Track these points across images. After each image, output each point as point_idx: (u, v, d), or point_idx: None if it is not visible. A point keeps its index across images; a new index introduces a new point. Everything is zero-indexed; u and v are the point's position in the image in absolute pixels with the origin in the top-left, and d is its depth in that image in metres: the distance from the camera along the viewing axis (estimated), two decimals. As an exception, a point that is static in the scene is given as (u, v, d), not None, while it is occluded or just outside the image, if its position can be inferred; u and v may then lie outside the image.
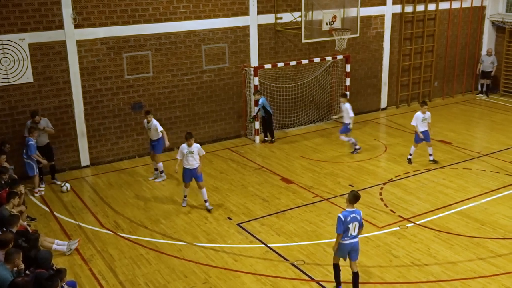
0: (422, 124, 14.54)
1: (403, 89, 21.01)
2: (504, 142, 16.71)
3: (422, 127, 14.53)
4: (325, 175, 14.40)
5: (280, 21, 17.25)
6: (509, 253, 10.47)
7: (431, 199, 12.88)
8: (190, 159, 12.04)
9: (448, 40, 21.55)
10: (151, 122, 13.77)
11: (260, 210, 12.46)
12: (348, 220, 8.74)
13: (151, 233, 11.51)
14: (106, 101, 15.17)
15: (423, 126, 14.54)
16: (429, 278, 9.70)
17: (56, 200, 13.21)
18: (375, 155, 15.87)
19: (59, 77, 14.40)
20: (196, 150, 12.06)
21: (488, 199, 12.80)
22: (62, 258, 10.39)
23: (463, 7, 21.49)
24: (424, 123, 14.55)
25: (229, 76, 16.95)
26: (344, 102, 15.62)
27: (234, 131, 17.53)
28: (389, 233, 11.30)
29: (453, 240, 10.99)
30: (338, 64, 18.88)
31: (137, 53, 15.31)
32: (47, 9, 13.88)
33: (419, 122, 14.51)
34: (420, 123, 14.51)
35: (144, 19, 15.19)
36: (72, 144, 14.96)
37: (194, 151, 12.03)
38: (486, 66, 21.89)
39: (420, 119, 14.50)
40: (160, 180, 14.23)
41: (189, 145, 12.02)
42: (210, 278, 9.79)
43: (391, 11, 19.65)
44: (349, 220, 8.74)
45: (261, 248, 10.80)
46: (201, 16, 16.01)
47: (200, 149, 12.14)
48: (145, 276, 9.90)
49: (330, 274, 9.83)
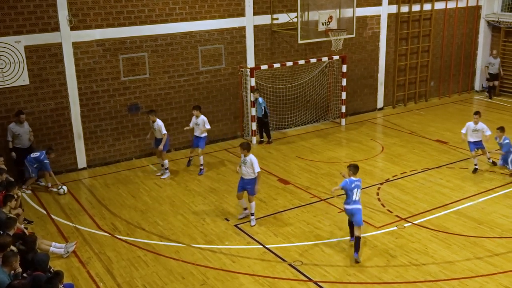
0: (473, 135, 14.06)
1: (399, 89, 21.05)
2: (500, 141, 16.73)
3: (472, 137, 14.07)
4: (322, 176, 14.40)
5: (276, 21, 17.26)
6: (506, 252, 10.49)
7: (428, 198, 12.90)
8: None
9: (444, 40, 21.60)
10: (156, 122, 14.07)
11: (257, 211, 12.43)
12: (353, 186, 10.10)
13: (149, 234, 11.50)
14: (103, 103, 15.15)
15: (474, 136, 14.06)
16: (426, 278, 9.71)
17: (53, 202, 13.18)
18: (372, 155, 15.89)
19: (55, 79, 14.37)
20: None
21: (485, 199, 12.83)
22: (59, 261, 10.36)
23: (459, 7, 21.54)
24: (475, 134, 14.06)
25: (226, 77, 16.95)
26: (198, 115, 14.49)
27: (231, 132, 17.53)
28: (386, 233, 11.31)
29: (451, 239, 11.01)
30: (335, 65, 18.90)
31: (133, 54, 15.29)
32: (43, 11, 13.86)
33: (470, 132, 14.10)
34: (470, 133, 14.09)
35: (140, 20, 15.18)
36: (69, 146, 14.94)
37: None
38: (494, 68, 21.72)
39: (471, 129, 14.07)
40: (165, 176, 14.42)
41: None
42: (208, 279, 9.78)
43: (387, 11, 19.69)
44: (353, 186, 10.10)
45: (258, 249, 10.80)
46: (197, 17, 16.00)
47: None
48: (142, 278, 9.88)
49: (328, 274, 9.85)
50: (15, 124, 13.62)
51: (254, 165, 11.17)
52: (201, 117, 14.40)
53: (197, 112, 14.42)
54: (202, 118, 14.40)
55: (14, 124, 13.62)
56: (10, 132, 13.58)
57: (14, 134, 13.58)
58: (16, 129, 13.58)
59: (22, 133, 13.64)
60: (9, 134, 13.58)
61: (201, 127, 14.43)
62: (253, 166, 11.17)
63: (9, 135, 13.59)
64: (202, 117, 14.42)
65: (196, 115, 14.42)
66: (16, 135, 13.58)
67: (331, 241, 11.03)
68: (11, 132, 13.57)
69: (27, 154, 13.52)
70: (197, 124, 14.44)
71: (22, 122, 13.65)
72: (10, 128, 13.58)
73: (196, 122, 14.45)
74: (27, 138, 13.71)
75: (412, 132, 17.80)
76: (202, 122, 14.38)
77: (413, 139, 17.20)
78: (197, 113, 14.42)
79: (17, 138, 13.62)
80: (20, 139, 13.64)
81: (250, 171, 11.26)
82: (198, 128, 14.48)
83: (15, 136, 13.60)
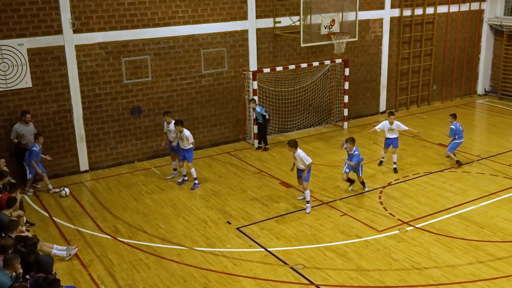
0: (389, 133, 14.83)
1: (401, 92, 21.03)
2: (503, 145, 16.72)
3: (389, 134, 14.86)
4: (325, 179, 14.39)
5: (279, 25, 17.28)
6: (508, 256, 10.46)
7: (430, 202, 12.88)
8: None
9: (447, 43, 21.59)
10: (182, 131, 13.45)
11: (259, 214, 12.45)
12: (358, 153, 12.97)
13: (150, 237, 11.50)
14: (105, 105, 15.17)
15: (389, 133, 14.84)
16: (429, 282, 9.69)
17: (55, 205, 13.19)
18: (374, 158, 15.86)
19: (57, 82, 14.40)
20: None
21: (487, 202, 12.80)
22: (61, 263, 10.36)
23: (461, 11, 21.53)
24: (391, 132, 14.81)
25: (228, 80, 16.96)
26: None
27: (233, 135, 17.53)
28: (388, 237, 11.28)
29: (453, 243, 10.98)
30: (337, 68, 18.90)
31: (136, 57, 15.32)
32: (46, 14, 13.90)
33: (386, 131, 14.87)
34: (387, 131, 14.86)
35: (143, 23, 15.21)
36: (71, 149, 14.95)
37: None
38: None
39: (387, 128, 14.84)
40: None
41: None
42: (210, 282, 9.77)
43: (389, 15, 19.69)
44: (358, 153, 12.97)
45: (260, 252, 10.79)
46: (199, 20, 16.03)
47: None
48: (144, 280, 9.88)
49: (329, 278, 9.83)
50: (20, 124, 13.64)
51: (304, 159, 12.18)
52: (184, 132, 13.43)
53: (179, 127, 13.47)
54: (186, 133, 13.43)
55: (19, 124, 13.64)
56: (14, 131, 13.60)
57: (18, 134, 13.59)
58: (21, 129, 13.59)
59: (26, 132, 13.64)
60: (13, 133, 13.61)
61: (185, 142, 13.54)
62: (304, 160, 12.16)
63: (13, 135, 13.60)
64: (186, 132, 13.45)
65: (179, 130, 13.49)
66: (20, 135, 13.59)
67: (333, 245, 11.01)
68: (15, 131, 13.59)
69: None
70: (181, 138, 13.55)
71: (27, 122, 13.67)
72: (15, 128, 13.60)
73: (180, 137, 13.57)
74: (31, 139, 13.63)
75: (414, 136, 17.77)
76: (185, 138, 13.45)
77: (416, 143, 17.17)
78: (179, 128, 13.48)
79: (21, 138, 13.62)
80: (23, 138, 13.62)
81: (301, 164, 12.27)
82: (182, 142, 13.58)
83: (19, 136, 13.60)
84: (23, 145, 13.59)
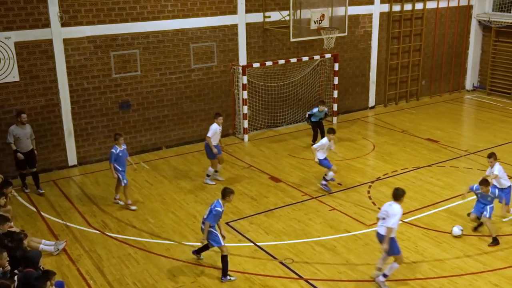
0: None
1: (391, 87, 21.10)
2: (490, 141, 16.84)
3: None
4: (314, 174, 14.42)
5: (269, 19, 17.24)
6: (495, 251, 10.56)
7: (418, 197, 12.95)
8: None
9: (435, 39, 21.68)
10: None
11: (248, 208, 12.45)
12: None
13: (139, 232, 11.47)
14: (94, 100, 15.07)
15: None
16: (416, 276, 9.76)
17: (43, 200, 13.10)
18: (363, 153, 15.92)
19: (45, 76, 14.28)
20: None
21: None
22: (49, 258, 10.31)
23: (450, 6, 21.62)
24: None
25: (218, 74, 16.92)
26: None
27: (222, 130, 17.41)
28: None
29: (441, 237, 11.07)
30: (327, 63, 18.92)
31: (125, 51, 15.22)
32: (33, 7, 13.75)
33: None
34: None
35: (132, 17, 15.11)
36: (59, 144, 14.85)
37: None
38: None
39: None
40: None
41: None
42: (199, 277, 9.77)
43: (379, 10, 19.72)
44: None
45: (249, 247, 10.80)
46: (189, 14, 15.95)
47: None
48: (133, 275, 9.86)
49: (318, 272, 9.87)
50: (16, 126, 12.91)
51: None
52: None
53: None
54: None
55: (15, 126, 12.91)
56: (10, 134, 12.84)
57: (14, 138, 12.86)
58: (17, 131, 12.84)
59: (22, 136, 12.90)
60: (9, 136, 12.85)
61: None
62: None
63: (9, 138, 12.85)
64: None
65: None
66: (16, 138, 12.85)
67: (322, 239, 11.05)
68: (11, 134, 12.84)
69: (28, 158, 13.04)
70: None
71: (24, 123, 12.95)
72: (11, 130, 12.85)
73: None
74: (27, 143, 12.98)
75: (403, 131, 17.86)
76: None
77: (404, 138, 17.26)
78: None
79: (17, 141, 12.88)
80: (19, 142, 12.89)
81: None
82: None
83: (15, 139, 12.87)
84: (19, 157, 12.91)
